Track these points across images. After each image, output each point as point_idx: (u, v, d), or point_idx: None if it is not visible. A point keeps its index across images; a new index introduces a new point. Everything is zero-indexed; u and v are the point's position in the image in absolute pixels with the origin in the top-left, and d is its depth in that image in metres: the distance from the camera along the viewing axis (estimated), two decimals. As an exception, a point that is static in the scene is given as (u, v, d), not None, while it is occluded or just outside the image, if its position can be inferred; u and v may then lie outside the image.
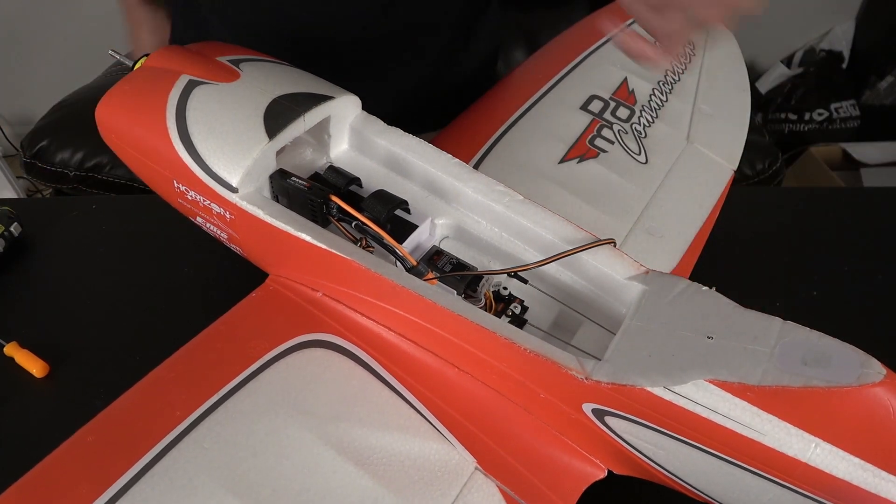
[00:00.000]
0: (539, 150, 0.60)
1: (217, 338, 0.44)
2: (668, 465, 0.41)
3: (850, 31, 2.04)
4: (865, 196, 0.88)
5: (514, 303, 0.47)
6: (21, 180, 1.69)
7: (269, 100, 0.49)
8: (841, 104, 1.95)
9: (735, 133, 0.69)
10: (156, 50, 0.54)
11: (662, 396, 0.37)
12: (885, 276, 0.69)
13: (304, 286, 0.48)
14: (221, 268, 0.64)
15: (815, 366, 0.36)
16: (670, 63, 0.42)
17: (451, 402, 0.44)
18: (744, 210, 0.75)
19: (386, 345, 0.46)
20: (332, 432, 0.40)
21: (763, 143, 1.26)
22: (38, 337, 0.60)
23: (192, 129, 0.48)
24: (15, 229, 0.68)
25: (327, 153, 0.54)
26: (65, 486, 0.36)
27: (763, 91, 2.04)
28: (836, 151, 1.79)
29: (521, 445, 0.43)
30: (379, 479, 0.39)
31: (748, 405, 0.35)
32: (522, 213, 0.48)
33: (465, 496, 0.40)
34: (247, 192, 0.48)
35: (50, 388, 0.57)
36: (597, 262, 0.46)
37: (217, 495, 0.36)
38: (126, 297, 0.65)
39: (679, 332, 0.39)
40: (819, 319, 0.40)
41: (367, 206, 0.48)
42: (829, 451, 0.34)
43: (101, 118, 0.53)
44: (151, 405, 0.40)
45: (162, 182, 0.52)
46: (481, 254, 0.51)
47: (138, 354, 0.57)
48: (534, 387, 0.42)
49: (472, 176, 0.50)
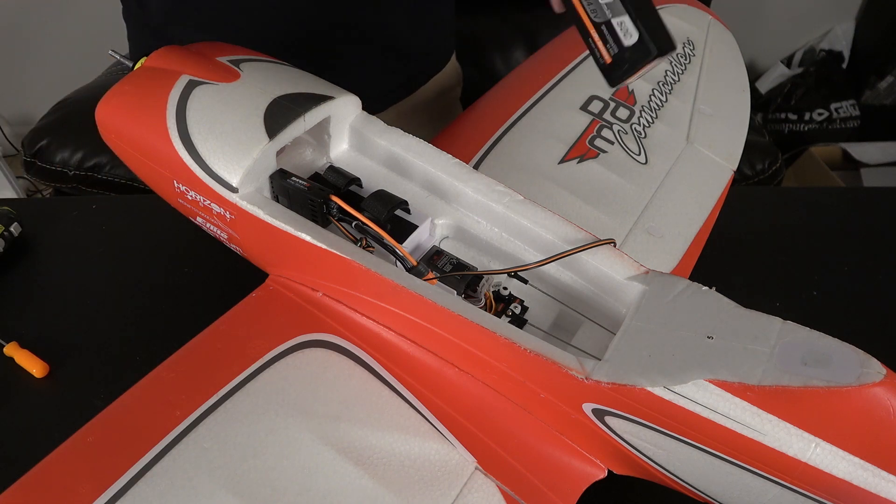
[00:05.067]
0: (539, 151, 0.60)
1: (217, 338, 0.44)
2: (668, 465, 0.41)
3: (850, 31, 2.04)
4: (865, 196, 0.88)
5: (514, 303, 0.47)
6: (21, 180, 1.69)
7: (270, 100, 0.49)
8: (841, 104, 1.95)
9: (735, 133, 0.69)
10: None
11: (662, 396, 0.37)
12: (885, 276, 0.69)
13: (304, 286, 0.48)
14: (221, 268, 0.64)
15: (815, 366, 0.36)
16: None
17: (451, 402, 0.44)
18: (744, 210, 0.75)
19: (386, 345, 0.46)
20: (332, 432, 0.40)
21: (763, 143, 1.26)
22: (38, 337, 0.60)
23: (193, 129, 0.48)
24: (15, 229, 0.68)
25: (327, 153, 0.54)
26: (65, 486, 0.36)
27: (763, 91, 2.05)
28: (836, 151, 1.79)
29: (521, 445, 0.43)
30: (379, 480, 0.39)
31: (748, 405, 0.35)
32: (522, 213, 0.48)
33: (465, 496, 0.40)
34: (247, 192, 0.48)
35: (50, 388, 0.57)
36: (597, 262, 0.46)
37: (217, 495, 0.36)
38: (126, 296, 0.65)
39: (679, 332, 0.39)
40: (819, 319, 0.40)
41: (367, 206, 0.48)
42: (829, 451, 0.34)
43: (101, 118, 0.53)
44: (151, 405, 0.40)
45: (162, 182, 0.52)
46: (481, 254, 0.51)
47: (138, 354, 0.58)
48: (534, 387, 0.42)
49: (472, 176, 0.50)
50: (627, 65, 0.43)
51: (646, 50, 0.42)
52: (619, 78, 0.44)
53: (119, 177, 1.18)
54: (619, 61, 0.43)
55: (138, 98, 0.52)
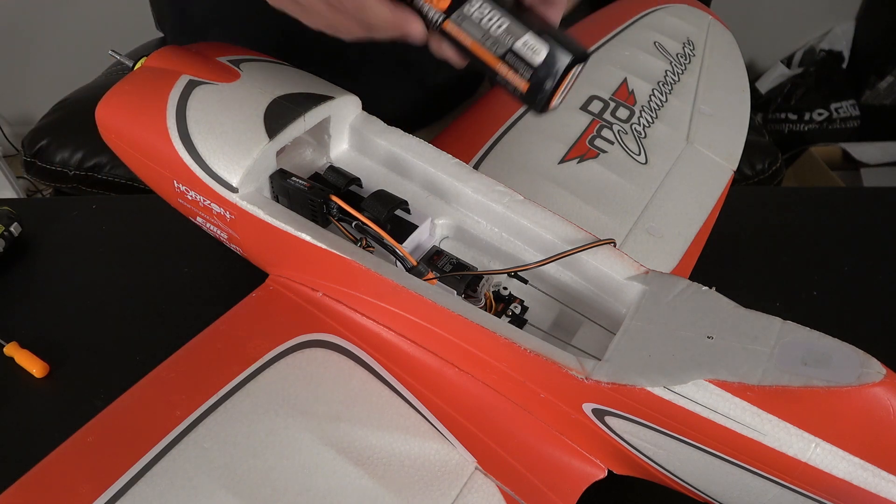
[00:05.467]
0: (539, 151, 0.60)
1: (217, 338, 0.44)
2: (668, 465, 0.41)
3: (850, 31, 2.04)
4: (865, 196, 0.88)
5: (514, 303, 0.47)
6: (21, 180, 1.69)
7: (270, 100, 0.49)
8: (841, 104, 1.95)
9: (735, 133, 0.69)
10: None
11: (662, 396, 0.37)
12: (885, 276, 0.69)
13: (304, 286, 0.48)
14: (221, 268, 0.64)
15: (815, 366, 0.36)
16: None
17: (451, 402, 0.44)
18: (744, 210, 0.75)
19: (386, 345, 0.46)
20: (332, 432, 0.40)
21: (763, 143, 1.26)
22: (38, 337, 0.60)
23: (193, 129, 0.48)
24: (15, 229, 0.68)
25: (327, 153, 0.54)
26: (65, 486, 0.36)
27: (763, 91, 2.04)
28: (836, 151, 1.79)
29: (521, 445, 0.43)
30: (379, 480, 0.39)
31: (748, 405, 0.35)
32: (522, 213, 0.48)
33: (465, 496, 0.40)
34: (247, 192, 0.48)
35: (50, 388, 0.57)
36: (597, 262, 0.46)
37: (217, 495, 0.36)
38: (126, 297, 0.65)
39: (679, 332, 0.39)
40: (819, 319, 0.40)
41: (367, 206, 0.48)
42: (829, 451, 0.34)
43: (101, 118, 0.53)
44: (151, 405, 0.40)
45: (162, 182, 0.52)
46: (481, 254, 0.51)
47: (138, 354, 0.58)
48: (534, 387, 0.42)
49: (472, 176, 0.50)
50: (547, 81, 0.38)
51: (561, 58, 0.38)
52: (544, 100, 0.39)
53: (119, 177, 1.18)
54: (537, 83, 0.39)
55: (138, 98, 0.52)
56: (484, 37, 0.39)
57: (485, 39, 0.39)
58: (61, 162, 1.19)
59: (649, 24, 0.75)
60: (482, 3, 0.38)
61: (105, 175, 1.18)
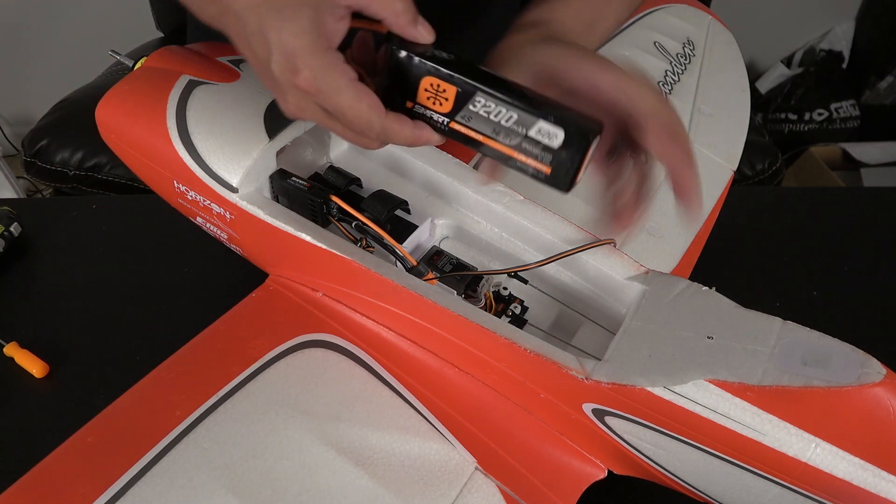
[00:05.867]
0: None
1: (217, 338, 0.44)
2: (668, 465, 0.41)
3: (850, 31, 2.04)
4: (865, 196, 0.88)
5: (514, 303, 0.47)
6: (21, 180, 1.69)
7: (270, 100, 0.49)
8: (841, 104, 1.95)
9: (735, 133, 0.69)
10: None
11: (662, 396, 0.37)
12: (885, 276, 0.69)
13: (304, 286, 0.48)
14: (221, 268, 0.64)
15: (815, 366, 0.36)
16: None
17: (451, 402, 0.44)
18: (744, 210, 0.75)
19: (386, 345, 0.45)
20: (332, 432, 0.40)
21: (763, 143, 1.26)
22: (38, 337, 0.60)
23: (193, 129, 0.48)
24: (15, 229, 0.68)
25: (327, 153, 0.54)
26: (65, 486, 0.36)
27: (763, 91, 2.04)
28: (836, 151, 1.79)
29: (521, 445, 0.43)
30: (379, 480, 0.39)
31: (748, 405, 0.35)
32: (522, 213, 0.48)
33: (465, 496, 0.40)
34: (247, 192, 0.48)
35: (50, 388, 0.57)
36: (597, 262, 0.46)
37: (217, 495, 0.36)
38: (126, 296, 0.65)
39: (679, 332, 0.39)
40: (819, 319, 0.40)
41: (367, 206, 0.48)
42: (829, 451, 0.34)
43: (101, 118, 0.53)
44: (151, 405, 0.40)
45: (162, 182, 0.52)
46: (481, 254, 0.51)
47: (138, 354, 0.58)
48: (534, 387, 0.42)
49: (472, 176, 0.50)
50: (570, 162, 0.38)
51: (580, 136, 0.37)
52: (569, 180, 0.39)
53: (119, 177, 1.18)
54: (559, 165, 0.38)
55: (138, 98, 0.52)
56: (495, 131, 0.38)
57: (496, 133, 0.39)
58: (61, 162, 1.19)
59: (649, 24, 0.75)
60: (486, 98, 0.38)
61: (105, 175, 1.18)
